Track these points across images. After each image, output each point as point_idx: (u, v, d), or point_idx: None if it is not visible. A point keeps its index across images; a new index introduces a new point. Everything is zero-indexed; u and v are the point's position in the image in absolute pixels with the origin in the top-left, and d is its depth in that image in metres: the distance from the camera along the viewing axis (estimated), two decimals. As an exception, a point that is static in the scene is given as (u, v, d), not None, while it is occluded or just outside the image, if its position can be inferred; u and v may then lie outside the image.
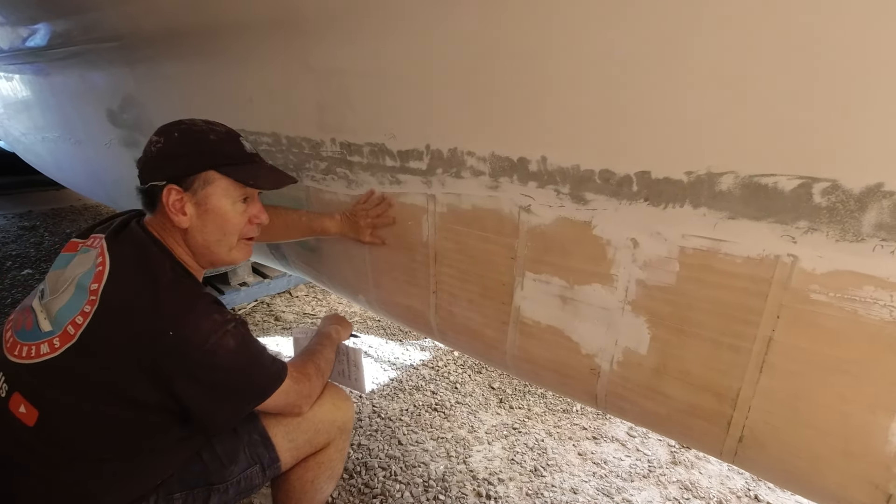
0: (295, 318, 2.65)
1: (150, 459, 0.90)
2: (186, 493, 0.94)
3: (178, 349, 0.82)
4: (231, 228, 0.96)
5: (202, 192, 0.92)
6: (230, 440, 1.00)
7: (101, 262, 0.88)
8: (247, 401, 0.93)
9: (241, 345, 0.88)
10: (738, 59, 0.64)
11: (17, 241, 3.45)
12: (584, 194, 0.84)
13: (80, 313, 0.84)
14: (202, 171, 0.91)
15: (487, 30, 0.85)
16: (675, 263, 0.78)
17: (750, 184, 0.67)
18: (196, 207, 0.92)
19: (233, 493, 0.99)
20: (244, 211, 0.97)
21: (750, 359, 0.73)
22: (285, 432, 1.03)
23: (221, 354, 0.85)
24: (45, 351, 0.84)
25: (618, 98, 0.75)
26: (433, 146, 1.01)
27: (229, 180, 0.93)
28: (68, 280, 0.90)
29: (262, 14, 1.21)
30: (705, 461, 1.78)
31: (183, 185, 0.91)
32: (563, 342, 0.97)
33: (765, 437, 0.75)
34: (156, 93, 1.80)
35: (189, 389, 0.84)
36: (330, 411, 1.08)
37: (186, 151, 0.92)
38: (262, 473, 1.02)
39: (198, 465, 0.96)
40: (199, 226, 0.93)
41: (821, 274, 0.64)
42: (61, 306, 0.87)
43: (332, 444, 1.10)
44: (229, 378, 0.88)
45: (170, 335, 0.81)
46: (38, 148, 3.27)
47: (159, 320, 0.82)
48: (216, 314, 0.88)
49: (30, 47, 2.23)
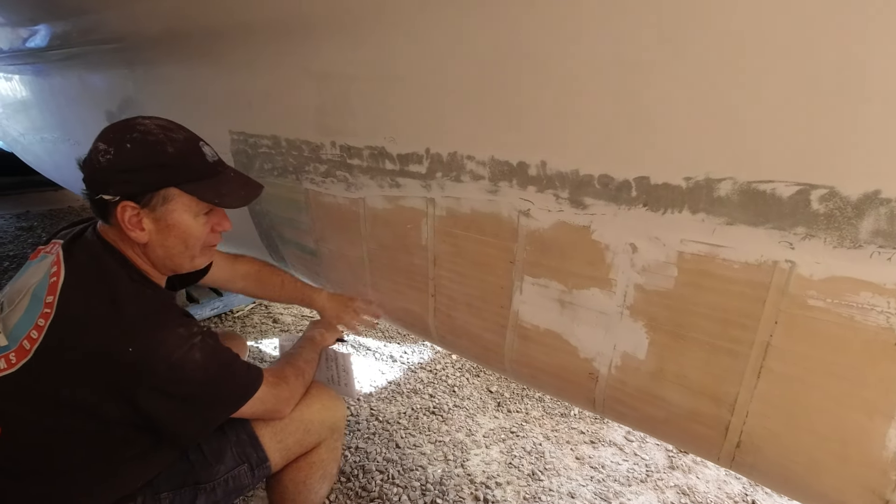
0: (293, 321, 2.65)
1: (128, 463, 0.89)
2: (174, 493, 0.93)
3: (138, 365, 0.79)
4: (194, 241, 0.92)
5: (161, 209, 0.86)
6: (217, 440, 1.00)
7: (55, 272, 0.84)
8: (218, 412, 0.91)
9: (208, 357, 0.86)
10: (737, 66, 0.64)
11: (15, 241, 3.44)
12: (583, 199, 0.84)
13: (34, 327, 0.81)
14: (161, 188, 0.85)
15: (487, 34, 0.86)
16: (674, 268, 0.78)
17: (748, 190, 0.67)
18: (155, 223, 0.87)
19: (221, 494, 0.98)
20: (206, 222, 0.93)
21: (748, 364, 0.73)
22: (273, 432, 1.03)
23: (188, 368, 0.83)
24: (1, 367, 0.81)
25: (617, 103, 0.75)
26: (433, 150, 1.01)
27: (191, 198, 0.87)
28: (22, 291, 0.87)
29: (262, 17, 1.21)
30: (703, 466, 1.79)
31: (139, 201, 0.84)
32: (562, 346, 0.97)
33: (762, 441, 0.75)
34: (155, 95, 1.80)
35: (154, 404, 0.82)
36: (319, 411, 1.08)
37: (142, 166, 0.84)
38: (251, 473, 1.01)
39: (184, 464, 0.96)
40: (159, 240, 0.88)
41: (818, 280, 0.65)
42: (17, 320, 0.84)
43: (324, 445, 1.10)
44: (198, 391, 0.86)
45: (129, 352, 0.78)
46: (36, 148, 3.26)
47: (118, 335, 0.79)
48: (180, 328, 0.84)
49: (30, 48, 2.23)
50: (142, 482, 0.91)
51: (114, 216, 0.85)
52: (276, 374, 1.02)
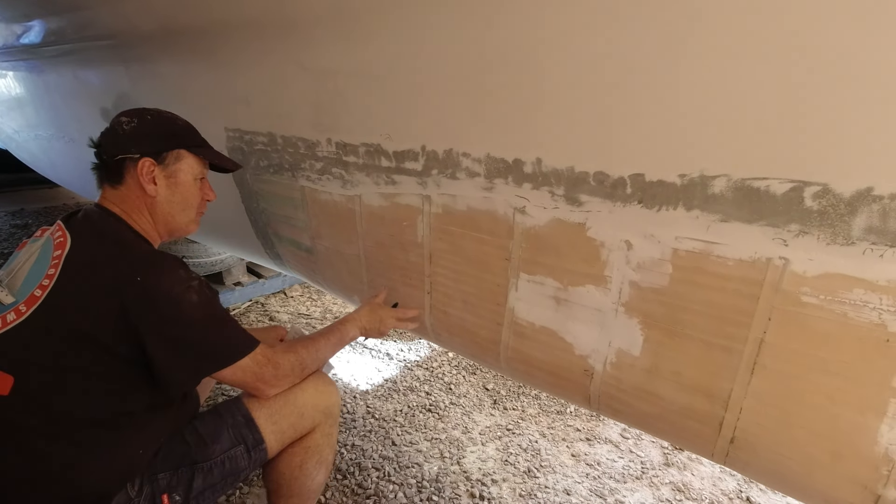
0: (290, 318, 2.65)
1: (127, 430, 0.91)
2: (171, 474, 0.95)
3: (144, 295, 0.87)
4: (192, 201, 1.08)
5: (173, 167, 1.04)
6: (213, 421, 1.02)
7: (60, 235, 0.94)
8: (206, 362, 0.94)
9: (204, 302, 0.93)
10: (731, 63, 0.64)
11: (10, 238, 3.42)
12: (578, 196, 0.84)
13: (45, 277, 0.88)
14: (175, 148, 1.04)
15: (482, 32, 0.86)
16: (668, 265, 0.78)
17: (742, 187, 0.67)
18: (166, 179, 1.03)
19: (218, 475, 0.99)
20: (200, 188, 1.10)
21: (741, 360, 0.74)
22: (268, 414, 1.04)
23: (184, 306, 0.89)
24: (11, 319, 0.87)
25: (612, 101, 0.76)
26: (429, 147, 1.01)
27: (196, 158, 1.07)
28: (24, 259, 0.94)
29: (257, 14, 1.21)
30: (698, 463, 1.80)
31: (156, 158, 1.02)
32: (557, 343, 0.97)
33: (756, 438, 0.76)
34: (150, 92, 1.79)
35: (151, 338, 0.87)
36: (313, 395, 1.08)
37: (161, 132, 1.04)
38: (248, 455, 1.02)
39: (181, 445, 0.98)
40: (167, 196, 1.04)
41: (811, 277, 0.65)
42: (23, 279, 0.91)
43: (318, 429, 1.10)
44: (191, 333, 0.91)
45: (137, 281, 0.87)
46: (31, 146, 3.24)
47: (127, 269, 0.88)
48: (181, 270, 0.93)
49: (24, 44, 2.21)
50: (137, 454, 0.92)
51: (131, 173, 1.01)
52: (270, 357, 1.01)
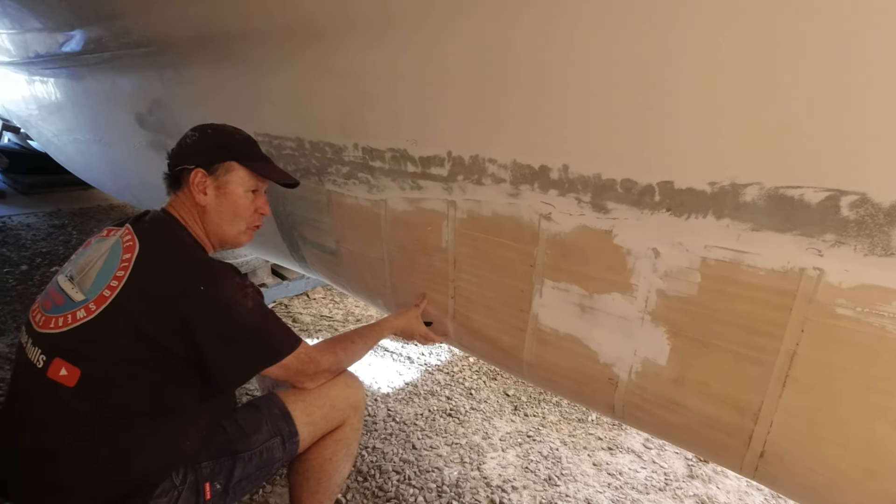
0: (312, 320, 2.68)
1: (179, 423, 0.97)
2: (213, 463, 0.99)
3: (205, 302, 0.93)
4: (241, 211, 1.12)
5: (223, 178, 1.09)
6: (252, 414, 1.07)
7: (129, 239, 1.00)
8: (256, 360, 1.00)
9: (257, 308, 0.99)
10: (766, 69, 0.63)
11: (47, 238, 3.55)
12: (605, 203, 0.84)
13: (113, 278, 0.94)
14: (226, 160, 1.09)
15: (510, 37, 0.86)
16: (697, 274, 0.77)
17: (775, 196, 0.66)
18: (216, 190, 1.09)
19: (255, 465, 1.03)
20: (253, 200, 1.13)
21: (772, 373, 0.72)
22: (303, 407, 1.08)
23: (240, 312, 0.96)
24: (81, 316, 0.93)
25: (641, 107, 0.75)
26: (455, 153, 1.02)
27: (247, 171, 1.11)
28: (95, 258, 0.99)
29: (286, 21, 1.24)
30: (723, 475, 1.75)
31: (208, 169, 1.08)
32: (581, 351, 0.96)
33: (787, 452, 0.74)
34: (183, 97, 1.85)
35: (209, 341, 0.93)
36: (342, 390, 1.13)
37: (215, 144, 1.11)
38: (283, 447, 1.06)
39: (223, 435, 1.02)
40: (215, 205, 1.09)
41: (848, 288, 0.64)
42: (93, 279, 0.96)
43: (347, 423, 1.15)
44: (245, 335, 0.97)
45: (200, 290, 0.93)
46: (69, 149, 3.37)
47: (191, 277, 0.94)
48: (236, 277, 1.01)
49: (65, 52, 2.30)
50: (184, 445, 0.97)
51: (187, 182, 1.08)
52: (311, 354, 1.07)
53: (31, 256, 3.20)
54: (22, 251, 3.28)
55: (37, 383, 0.91)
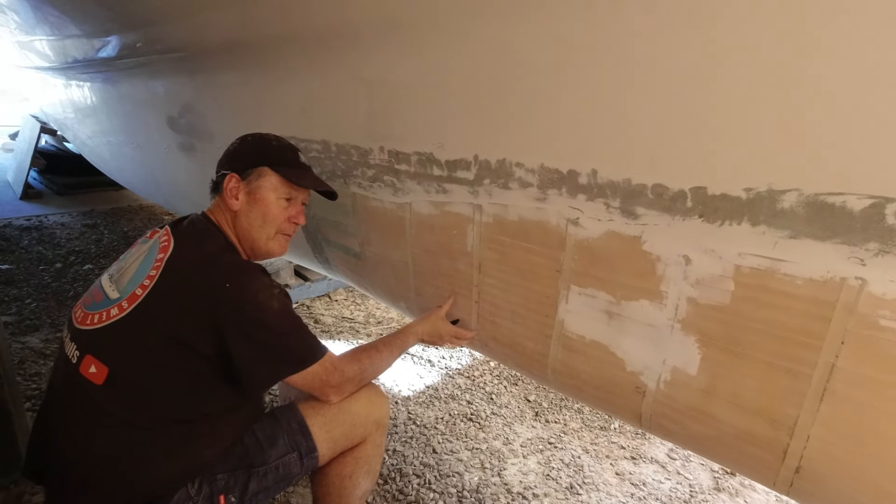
0: (333, 322, 2.70)
1: (203, 429, 0.97)
2: (228, 475, 0.98)
3: (232, 301, 0.94)
4: (271, 218, 1.11)
5: (255, 183, 1.10)
6: (270, 426, 1.05)
7: (166, 239, 1.03)
8: (282, 366, 0.99)
9: (284, 310, 0.99)
10: (803, 68, 0.61)
11: (80, 237, 3.67)
12: (634, 209, 0.83)
13: (146, 277, 0.96)
14: (257, 165, 1.10)
15: (539, 41, 0.86)
16: (730, 282, 0.75)
17: (815, 202, 0.64)
18: (248, 195, 1.09)
19: (272, 480, 1.02)
20: (286, 208, 1.12)
21: (810, 385, 0.70)
22: (322, 423, 1.06)
23: (267, 313, 0.96)
24: (114, 313, 0.95)
25: (673, 111, 0.74)
26: (481, 157, 1.02)
27: (279, 178, 1.11)
28: (134, 258, 1.02)
29: (315, 26, 1.25)
30: (751, 489, 1.70)
31: (242, 175, 1.10)
32: (608, 358, 0.95)
33: (824, 468, 0.71)
34: (213, 101, 1.89)
35: (237, 341, 0.93)
36: (365, 406, 1.11)
37: (252, 151, 1.13)
38: (300, 462, 1.05)
39: (240, 447, 1.01)
40: (246, 210, 1.10)
41: (892, 299, 0.61)
42: (129, 278, 0.99)
43: (369, 440, 1.12)
44: (271, 338, 0.97)
45: (227, 287, 0.94)
46: (102, 150, 3.48)
47: (218, 276, 0.95)
48: (265, 278, 1.01)
49: (101, 58, 2.38)
50: (204, 454, 0.97)
51: (223, 186, 1.10)
52: (336, 364, 1.06)
53: (65, 255, 3.31)
54: (57, 249, 3.39)
55: (70, 379, 0.93)
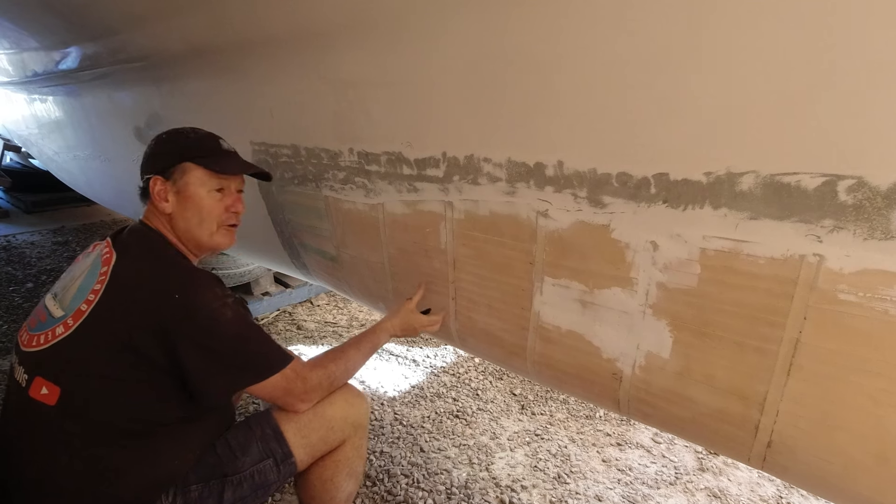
0: (316, 327, 2.68)
1: (165, 440, 0.94)
2: (202, 486, 0.96)
3: (182, 311, 0.90)
4: (207, 213, 1.06)
5: (181, 182, 1.05)
6: (243, 434, 1.03)
7: (107, 251, 0.99)
8: (240, 376, 0.96)
9: (238, 318, 0.96)
10: (754, 55, 0.63)
11: (52, 255, 3.57)
12: (601, 198, 0.83)
13: (91, 292, 0.93)
14: (179, 162, 1.05)
15: (497, 37, 0.86)
16: (696, 265, 0.76)
17: (771, 183, 0.66)
18: (176, 195, 1.05)
19: (248, 488, 1.00)
20: (220, 199, 1.08)
21: (776, 361, 0.72)
22: (297, 428, 1.04)
23: (220, 322, 0.93)
24: (59, 332, 0.91)
25: (632, 100, 0.75)
26: (449, 153, 1.02)
27: (203, 170, 1.06)
28: (78, 274, 0.99)
29: (276, 28, 1.24)
30: (734, 468, 1.74)
31: (165, 175, 1.05)
32: (584, 347, 0.96)
33: (795, 441, 0.73)
34: (181, 109, 1.85)
35: (188, 351, 0.90)
36: (342, 408, 1.08)
37: (169, 149, 1.07)
38: (277, 469, 1.02)
39: (212, 457, 0.99)
40: (179, 211, 1.05)
41: (849, 273, 0.63)
42: (72, 295, 0.95)
43: (349, 442, 1.11)
44: (225, 347, 0.93)
45: (175, 297, 0.90)
46: (70, 166, 3.39)
47: (166, 285, 0.92)
48: (216, 287, 0.97)
49: (62, 70, 2.32)
50: (172, 465, 0.94)
51: (150, 192, 1.05)
52: (300, 373, 1.02)
53: (36, 274, 3.22)
54: (27, 269, 3.30)
55: (24, 405, 0.90)
